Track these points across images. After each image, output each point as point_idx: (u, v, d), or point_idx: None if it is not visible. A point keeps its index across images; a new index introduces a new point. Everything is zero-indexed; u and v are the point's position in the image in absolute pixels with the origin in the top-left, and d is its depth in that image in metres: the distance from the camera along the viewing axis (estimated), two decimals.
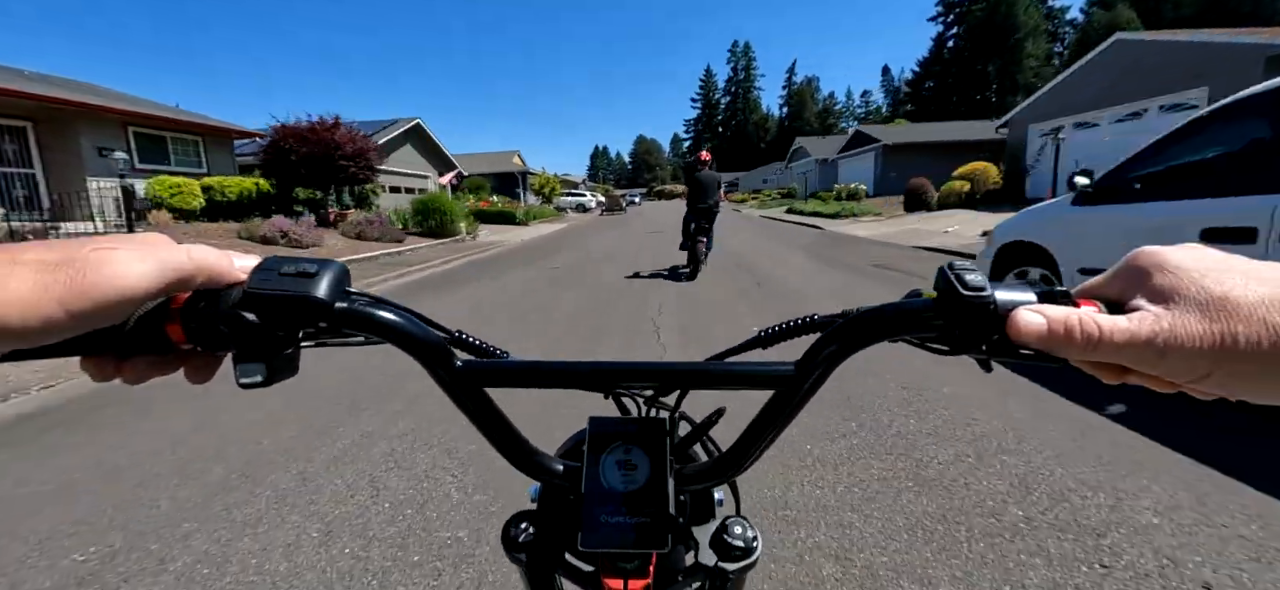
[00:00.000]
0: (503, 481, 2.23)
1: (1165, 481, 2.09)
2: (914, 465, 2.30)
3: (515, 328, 5.14)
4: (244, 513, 2.09)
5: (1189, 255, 0.30)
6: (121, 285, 0.31)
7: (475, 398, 0.42)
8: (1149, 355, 0.29)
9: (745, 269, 8.63)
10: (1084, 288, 0.35)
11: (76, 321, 0.30)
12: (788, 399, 0.40)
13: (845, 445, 2.48)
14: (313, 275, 0.37)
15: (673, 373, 0.43)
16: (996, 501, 2.02)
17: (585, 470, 0.44)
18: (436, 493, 2.20)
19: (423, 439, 2.67)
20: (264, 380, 0.36)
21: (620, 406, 0.51)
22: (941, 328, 0.36)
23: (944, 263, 0.36)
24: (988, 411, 2.78)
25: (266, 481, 2.31)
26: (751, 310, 5.56)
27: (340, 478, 2.33)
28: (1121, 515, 1.91)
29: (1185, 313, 0.28)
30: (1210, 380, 0.28)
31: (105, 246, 0.31)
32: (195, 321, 0.36)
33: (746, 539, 0.46)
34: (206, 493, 2.24)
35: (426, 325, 0.42)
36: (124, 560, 1.84)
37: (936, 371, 3.28)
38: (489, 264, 10.49)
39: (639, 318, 5.32)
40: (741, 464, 0.43)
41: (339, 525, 2.00)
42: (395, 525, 1.99)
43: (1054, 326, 0.31)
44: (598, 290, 7.06)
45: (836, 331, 0.39)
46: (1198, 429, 2.47)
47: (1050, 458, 2.30)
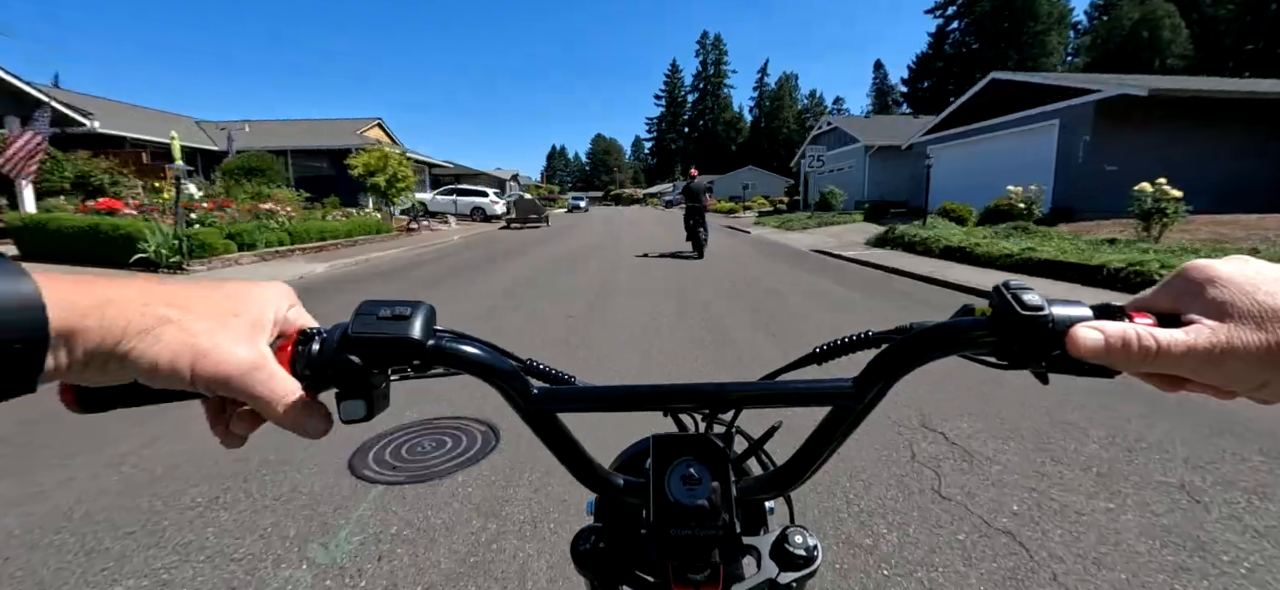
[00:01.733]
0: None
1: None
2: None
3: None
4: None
5: (1239, 268, 0.32)
6: (229, 371, 0.33)
7: (548, 423, 0.44)
8: (1207, 366, 0.30)
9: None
10: (1136, 301, 0.36)
11: (196, 386, 0.33)
12: (845, 414, 0.41)
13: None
14: (407, 317, 0.39)
15: (732, 393, 0.45)
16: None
17: (652, 486, 0.44)
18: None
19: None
20: (366, 415, 0.39)
21: (678, 422, 0.54)
22: (996, 344, 0.37)
23: (1000, 283, 0.37)
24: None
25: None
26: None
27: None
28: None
29: (1240, 324, 0.29)
30: (1269, 388, 0.30)
31: (231, 313, 0.35)
32: (300, 364, 0.38)
33: (807, 547, 0.47)
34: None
35: (502, 356, 0.44)
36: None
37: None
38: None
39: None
40: (799, 478, 0.45)
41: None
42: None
43: (1112, 341, 0.32)
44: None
45: (894, 349, 0.39)
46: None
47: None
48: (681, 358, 4.19)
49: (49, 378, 0.29)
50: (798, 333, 4.91)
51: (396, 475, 2.38)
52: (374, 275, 9.00)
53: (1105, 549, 1.87)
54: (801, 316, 5.60)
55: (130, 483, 2.30)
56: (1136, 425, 2.79)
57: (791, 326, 5.17)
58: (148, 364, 0.31)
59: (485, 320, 5.51)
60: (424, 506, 2.15)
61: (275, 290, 0.40)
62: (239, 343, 0.34)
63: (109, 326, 0.30)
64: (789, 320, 5.43)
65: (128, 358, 0.31)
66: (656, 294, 7.06)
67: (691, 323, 5.34)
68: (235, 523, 2.03)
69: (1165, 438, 2.66)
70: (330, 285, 8.01)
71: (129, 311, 0.31)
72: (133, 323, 0.31)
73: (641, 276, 8.56)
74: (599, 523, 0.52)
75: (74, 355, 0.29)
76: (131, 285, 0.32)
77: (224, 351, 0.33)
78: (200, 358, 0.32)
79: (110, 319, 0.30)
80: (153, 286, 0.33)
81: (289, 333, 0.39)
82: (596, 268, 9.56)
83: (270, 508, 2.13)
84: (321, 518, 2.07)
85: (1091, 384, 1.95)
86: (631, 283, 8.02)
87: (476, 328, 4.05)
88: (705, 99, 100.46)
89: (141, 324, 0.31)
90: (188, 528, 2.00)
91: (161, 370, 0.32)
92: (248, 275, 8.64)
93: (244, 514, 2.09)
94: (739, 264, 10.25)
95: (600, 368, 3.99)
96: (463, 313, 5.87)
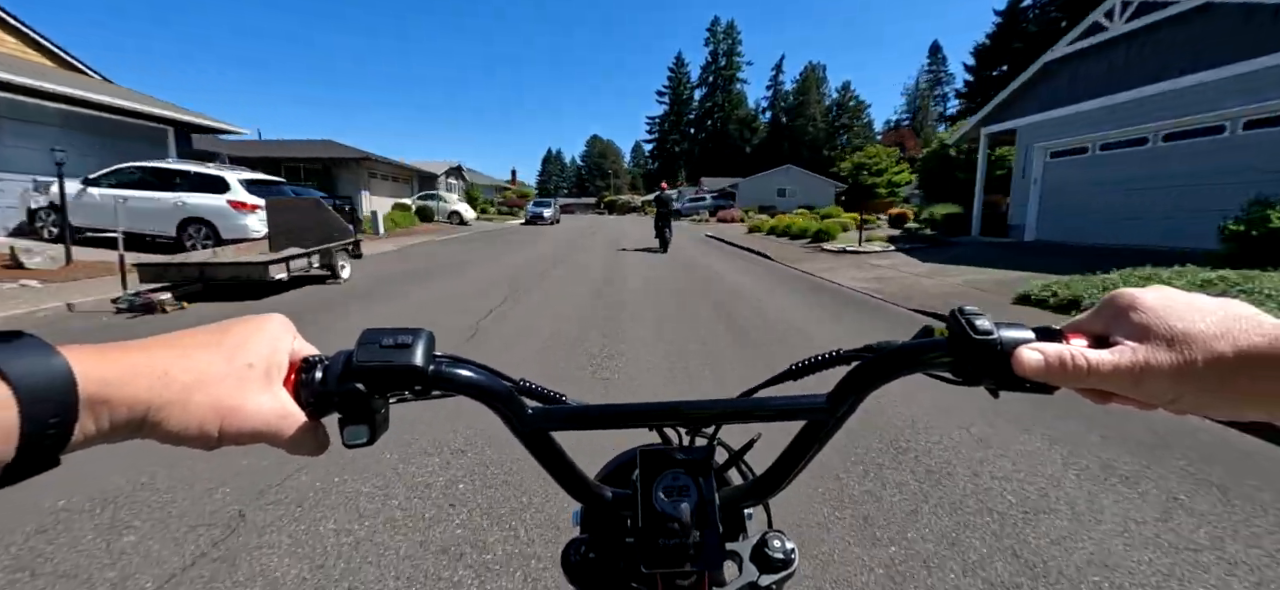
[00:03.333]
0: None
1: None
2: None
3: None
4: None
5: (1157, 296, 0.35)
6: (256, 426, 0.35)
7: (542, 441, 0.46)
8: (1128, 383, 0.34)
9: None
10: (1072, 324, 0.39)
11: (224, 442, 0.35)
12: (820, 427, 0.44)
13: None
14: (410, 345, 0.40)
15: (715, 410, 0.48)
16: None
17: (640, 497, 0.46)
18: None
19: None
20: (369, 440, 0.40)
21: (662, 435, 0.54)
22: (952, 363, 0.40)
23: (955, 309, 0.40)
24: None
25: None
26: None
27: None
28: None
29: (1155, 346, 0.33)
30: (1181, 402, 0.34)
31: (246, 373, 0.36)
32: (305, 393, 0.39)
33: (785, 551, 0.49)
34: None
35: (497, 377, 0.46)
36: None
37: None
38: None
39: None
40: (777, 487, 0.48)
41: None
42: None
43: (1051, 361, 0.36)
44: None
45: (864, 367, 0.43)
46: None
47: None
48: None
49: (78, 446, 0.29)
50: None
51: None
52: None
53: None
54: None
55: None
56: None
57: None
58: (175, 432, 0.32)
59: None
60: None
61: (278, 326, 0.40)
62: (261, 394, 0.36)
63: (135, 397, 0.30)
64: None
65: (158, 426, 0.32)
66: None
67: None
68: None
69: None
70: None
71: (154, 381, 0.31)
72: (158, 394, 0.31)
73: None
74: (586, 534, 0.53)
75: (101, 427, 0.30)
76: (154, 352, 0.33)
77: (250, 409, 0.35)
78: (226, 419, 0.34)
79: (135, 390, 0.30)
80: (172, 352, 0.33)
81: (292, 363, 0.40)
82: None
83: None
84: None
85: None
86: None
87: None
88: (715, 94, 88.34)
89: (166, 395, 0.32)
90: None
91: (189, 437, 0.33)
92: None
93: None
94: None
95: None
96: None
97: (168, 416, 0.31)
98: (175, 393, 0.32)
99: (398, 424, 0.53)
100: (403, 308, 6.23)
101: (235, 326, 0.38)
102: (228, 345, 0.36)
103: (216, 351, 0.35)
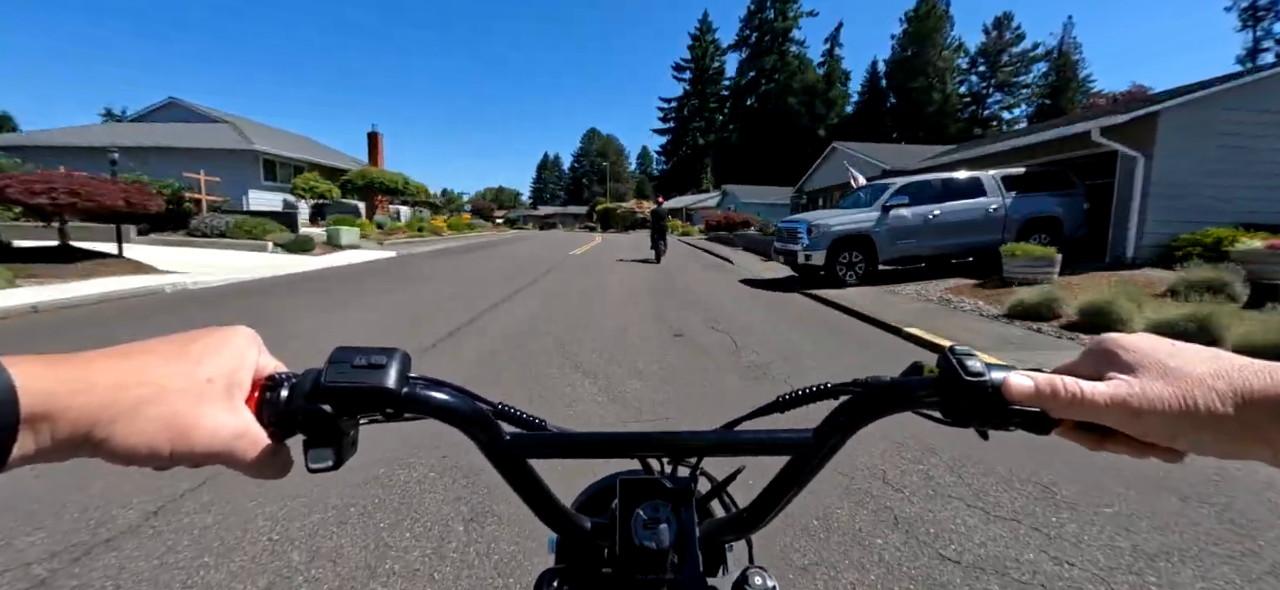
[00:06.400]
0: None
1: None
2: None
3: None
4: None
5: (1145, 341, 0.36)
6: (212, 445, 0.33)
7: (519, 468, 0.44)
8: (1126, 415, 0.33)
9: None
10: (1059, 368, 0.39)
11: (176, 462, 0.32)
12: (805, 463, 0.43)
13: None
14: (382, 366, 0.39)
15: (699, 442, 0.46)
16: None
17: (618, 528, 0.45)
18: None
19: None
20: (334, 464, 0.37)
21: (645, 464, 0.52)
22: (942, 403, 0.39)
23: (946, 348, 0.40)
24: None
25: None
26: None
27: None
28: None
29: (1153, 381, 0.33)
30: (1179, 440, 0.33)
31: (205, 388, 0.33)
32: (268, 412, 0.37)
33: (767, 589, 0.47)
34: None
35: (473, 400, 0.44)
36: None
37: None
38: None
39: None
40: (760, 521, 0.46)
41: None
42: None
43: (1042, 388, 0.36)
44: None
45: (852, 403, 0.42)
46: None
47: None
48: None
49: (17, 464, 0.28)
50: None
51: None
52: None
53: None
54: None
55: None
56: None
57: None
58: (124, 449, 0.30)
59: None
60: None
61: (243, 339, 0.38)
62: (220, 410, 0.34)
63: (81, 411, 0.29)
64: None
65: (103, 443, 0.29)
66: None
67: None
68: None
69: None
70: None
71: (104, 395, 0.29)
72: (107, 406, 0.29)
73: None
74: (562, 564, 0.51)
75: (42, 442, 0.28)
76: (109, 363, 0.31)
77: (206, 426, 0.32)
78: (180, 437, 0.31)
79: (83, 404, 0.29)
80: (127, 362, 0.31)
81: (256, 379, 0.38)
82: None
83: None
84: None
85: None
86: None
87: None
88: (760, 59, 64.76)
89: (116, 408, 0.30)
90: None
91: (139, 455, 0.30)
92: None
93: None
94: None
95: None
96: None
97: (113, 432, 0.29)
98: (124, 407, 0.30)
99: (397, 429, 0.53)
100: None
101: (199, 337, 0.36)
102: (189, 355, 0.34)
103: (177, 363, 0.33)
